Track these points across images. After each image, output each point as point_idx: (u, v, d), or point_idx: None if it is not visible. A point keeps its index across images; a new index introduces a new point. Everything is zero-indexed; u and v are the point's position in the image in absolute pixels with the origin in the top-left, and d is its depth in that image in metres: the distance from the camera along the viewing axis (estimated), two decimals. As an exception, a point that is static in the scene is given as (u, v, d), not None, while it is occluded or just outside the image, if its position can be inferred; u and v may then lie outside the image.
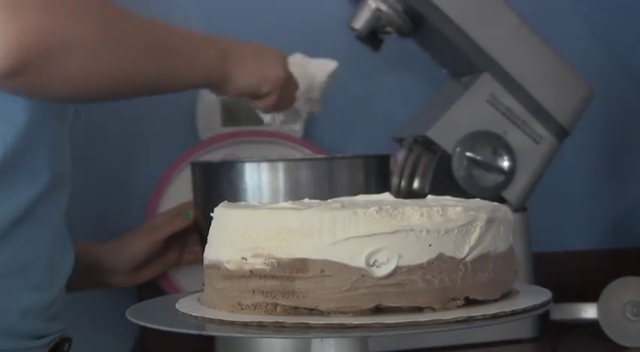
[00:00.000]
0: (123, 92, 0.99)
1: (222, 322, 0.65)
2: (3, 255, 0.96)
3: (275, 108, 1.14)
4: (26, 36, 0.81)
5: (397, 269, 0.63)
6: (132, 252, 1.23)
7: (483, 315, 0.64)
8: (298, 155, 1.39)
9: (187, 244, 1.29)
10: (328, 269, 0.63)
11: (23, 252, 0.98)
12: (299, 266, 0.63)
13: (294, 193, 1.09)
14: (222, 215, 0.69)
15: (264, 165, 1.12)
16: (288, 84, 1.12)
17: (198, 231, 1.24)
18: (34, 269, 1.00)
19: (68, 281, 1.09)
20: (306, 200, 0.74)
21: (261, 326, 0.63)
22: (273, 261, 0.64)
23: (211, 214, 0.70)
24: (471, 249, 0.65)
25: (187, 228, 1.25)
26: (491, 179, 1.20)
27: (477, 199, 0.74)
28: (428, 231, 0.64)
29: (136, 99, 1.45)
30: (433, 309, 0.64)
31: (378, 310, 0.64)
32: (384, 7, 1.23)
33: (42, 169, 0.99)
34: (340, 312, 0.63)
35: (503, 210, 0.70)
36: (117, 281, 1.25)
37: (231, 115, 1.42)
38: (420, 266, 0.63)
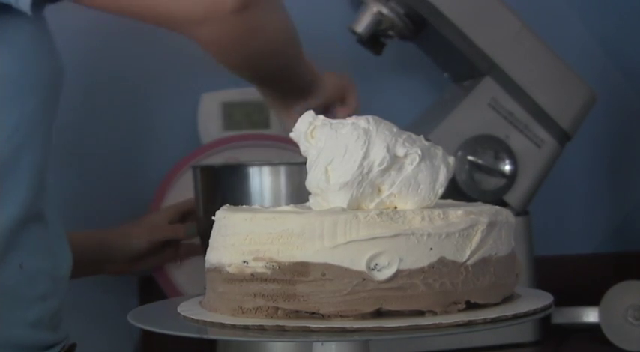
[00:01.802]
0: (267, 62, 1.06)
1: (223, 325, 0.65)
2: (9, 267, 0.93)
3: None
4: None
5: (398, 273, 0.63)
6: (133, 246, 1.26)
7: (484, 319, 0.64)
8: (300, 158, 1.38)
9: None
10: (329, 272, 0.63)
11: (28, 261, 0.95)
12: (300, 270, 0.63)
13: (296, 196, 1.09)
14: (224, 218, 0.69)
15: (266, 169, 1.12)
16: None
17: (199, 232, 1.24)
18: (40, 278, 0.97)
19: None
20: (308, 203, 0.74)
21: (262, 329, 0.63)
22: (274, 264, 0.64)
23: (213, 218, 0.70)
24: (472, 253, 0.65)
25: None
26: (492, 183, 1.20)
27: (479, 203, 0.74)
28: (429, 234, 0.64)
29: (138, 103, 1.46)
30: (434, 313, 0.64)
31: (379, 314, 0.63)
32: (385, 11, 1.23)
33: (35, 167, 0.96)
34: (341, 316, 0.63)
35: (505, 214, 0.70)
36: (112, 269, 1.28)
37: (232, 119, 1.42)
38: (421, 270, 0.63)
